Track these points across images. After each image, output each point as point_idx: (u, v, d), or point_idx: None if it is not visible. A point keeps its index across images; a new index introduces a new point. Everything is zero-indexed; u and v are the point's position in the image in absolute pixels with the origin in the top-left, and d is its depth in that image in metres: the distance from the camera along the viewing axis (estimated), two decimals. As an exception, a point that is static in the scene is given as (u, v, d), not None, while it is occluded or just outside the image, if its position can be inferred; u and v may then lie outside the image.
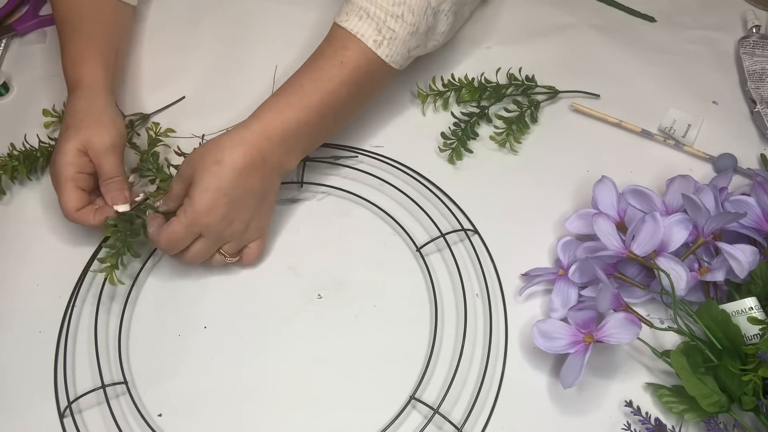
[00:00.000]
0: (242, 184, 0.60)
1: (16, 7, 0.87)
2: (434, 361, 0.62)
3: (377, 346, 0.64)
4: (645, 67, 0.78)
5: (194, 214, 0.60)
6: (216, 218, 0.61)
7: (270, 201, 0.65)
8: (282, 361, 0.64)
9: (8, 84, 0.81)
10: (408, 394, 0.61)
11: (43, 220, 0.72)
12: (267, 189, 0.63)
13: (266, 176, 0.62)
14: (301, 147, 0.64)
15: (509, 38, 0.81)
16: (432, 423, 0.60)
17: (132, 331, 0.65)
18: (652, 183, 0.69)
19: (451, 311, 0.65)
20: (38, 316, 0.66)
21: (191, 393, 0.62)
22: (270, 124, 0.61)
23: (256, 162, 0.61)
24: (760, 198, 0.62)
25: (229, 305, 0.66)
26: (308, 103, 0.63)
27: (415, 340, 0.64)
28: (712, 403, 0.56)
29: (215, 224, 0.61)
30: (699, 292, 0.62)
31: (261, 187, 0.62)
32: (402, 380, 0.62)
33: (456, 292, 0.66)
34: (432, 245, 0.67)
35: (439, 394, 0.61)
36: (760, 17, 0.80)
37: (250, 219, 0.63)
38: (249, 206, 0.62)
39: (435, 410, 0.59)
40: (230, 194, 0.60)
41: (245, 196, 0.61)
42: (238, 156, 0.60)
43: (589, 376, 0.61)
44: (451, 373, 0.61)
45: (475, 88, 0.75)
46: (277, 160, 0.62)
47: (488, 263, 0.66)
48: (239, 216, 0.62)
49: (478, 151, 0.73)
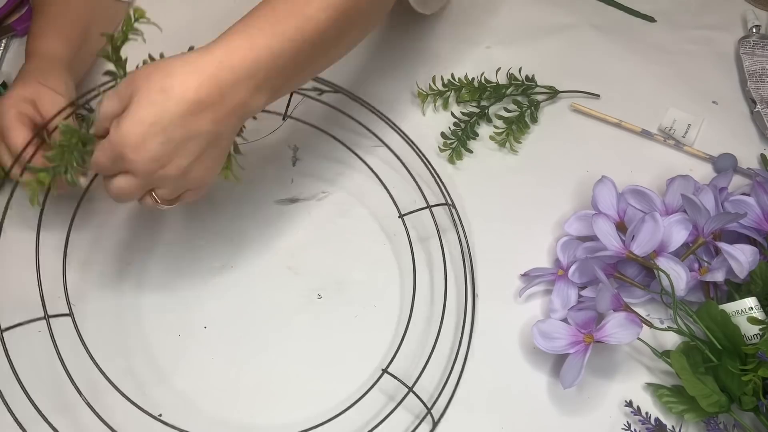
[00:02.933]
0: (187, 124, 0.49)
1: (16, 7, 0.87)
2: (434, 360, 0.63)
3: (377, 347, 0.64)
4: (645, 67, 0.78)
5: (119, 147, 0.49)
6: (144, 158, 0.49)
7: (221, 149, 0.53)
8: (282, 361, 0.63)
9: (8, 84, 0.81)
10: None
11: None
12: (219, 134, 0.51)
13: (221, 118, 0.51)
14: (270, 85, 0.53)
15: (509, 38, 0.81)
16: (425, 422, 0.60)
17: (132, 331, 0.65)
18: (652, 183, 0.69)
19: (452, 310, 0.65)
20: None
21: (191, 393, 0.62)
22: (236, 52, 0.50)
23: (212, 98, 0.49)
24: (760, 198, 0.62)
25: (229, 305, 0.66)
26: (282, 29, 0.52)
27: (416, 341, 0.64)
28: (712, 403, 0.56)
29: (143, 165, 0.50)
30: (699, 292, 0.62)
31: (211, 131, 0.51)
32: (403, 380, 0.62)
33: (459, 291, 0.66)
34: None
35: (440, 396, 0.61)
36: (760, 17, 0.80)
37: (190, 167, 0.51)
38: (190, 152, 0.51)
39: (428, 409, 0.59)
40: (168, 133, 0.49)
41: (188, 140, 0.50)
42: (190, 87, 0.49)
43: (589, 376, 0.61)
44: (456, 375, 0.61)
45: (475, 88, 0.75)
46: (239, 98, 0.51)
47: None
48: (175, 161, 0.51)
49: (478, 151, 0.73)
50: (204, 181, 0.54)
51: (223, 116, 0.51)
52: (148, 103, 0.49)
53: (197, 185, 0.54)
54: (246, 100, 0.51)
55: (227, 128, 0.52)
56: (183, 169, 0.51)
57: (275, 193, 0.71)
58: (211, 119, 0.50)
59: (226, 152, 0.54)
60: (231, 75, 0.50)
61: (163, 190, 0.53)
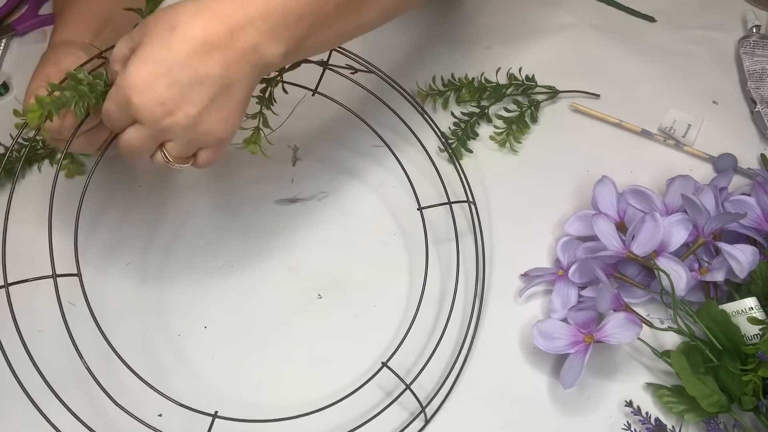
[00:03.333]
0: (195, 64, 0.46)
1: (16, 7, 0.87)
2: (436, 359, 0.62)
3: (377, 347, 0.64)
4: (645, 67, 0.78)
5: (125, 90, 0.47)
6: (150, 101, 0.47)
7: (235, 101, 0.49)
8: (282, 361, 0.64)
9: (8, 84, 0.81)
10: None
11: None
12: (231, 81, 0.48)
13: (232, 62, 0.47)
14: (288, 34, 0.48)
15: (509, 38, 0.81)
16: (417, 420, 0.60)
17: (132, 331, 0.65)
18: (652, 183, 0.69)
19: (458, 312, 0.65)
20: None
21: (191, 393, 0.62)
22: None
23: (220, 38, 0.46)
24: (760, 198, 0.62)
25: (229, 305, 0.66)
26: None
27: (418, 340, 0.64)
28: (712, 403, 0.56)
29: (148, 110, 0.47)
30: (699, 292, 0.62)
31: (221, 76, 0.47)
32: (402, 376, 0.62)
33: (467, 293, 0.66)
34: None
35: (436, 395, 0.61)
36: (760, 17, 0.80)
37: (199, 116, 0.48)
38: (198, 98, 0.48)
39: (422, 408, 0.59)
40: (175, 74, 0.46)
41: (195, 83, 0.47)
42: (197, 26, 0.46)
43: (589, 377, 0.61)
44: (454, 376, 0.61)
45: (475, 88, 0.75)
46: (252, 41, 0.47)
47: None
48: (183, 108, 0.48)
49: (478, 151, 0.73)
50: (216, 137, 0.50)
51: (233, 60, 0.47)
52: (155, 42, 0.47)
53: (210, 141, 0.50)
54: (258, 43, 0.47)
55: (239, 75, 0.48)
56: (192, 118, 0.48)
57: (275, 193, 0.71)
58: (220, 62, 0.47)
59: (240, 106, 0.50)
60: (242, 15, 0.47)
61: (174, 144, 0.50)
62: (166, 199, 0.72)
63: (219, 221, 0.70)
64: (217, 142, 0.51)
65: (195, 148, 0.51)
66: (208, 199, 0.72)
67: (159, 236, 0.70)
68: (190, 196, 0.72)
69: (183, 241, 0.69)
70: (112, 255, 0.69)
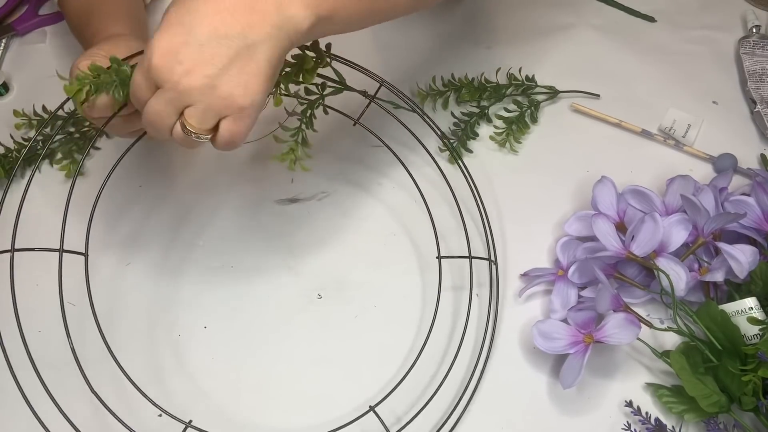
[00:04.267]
0: (215, 23, 0.46)
1: (16, 7, 0.87)
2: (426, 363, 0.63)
3: (377, 347, 0.64)
4: (645, 67, 0.78)
5: (149, 54, 0.47)
6: (168, 60, 0.46)
7: (257, 64, 0.47)
8: (282, 361, 0.64)
9: (8, 84, 0.81)
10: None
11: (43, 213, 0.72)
12: (252, 41, 0.47)
13: (254, 22, 0.46)
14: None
15: (509, 38, 0.81)
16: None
17: (132, 331, 0.65)
18: (652, 183, 0.69)
19: (458, 314, 0.65)
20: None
21: (191, 393, 0.62)
22: None
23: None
24: (760, 198, 0.62)
25: (229, 305, 0.66)
26: None
27: (416, 340, 0.64)
28: (711, 403, 0.56)
29: (166, 68, 0.47)
30: (699, 292, 0.62)
31: (241, 35, 0.46)
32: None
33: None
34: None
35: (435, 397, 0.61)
36: (760, 17, 0.80)
37: (217, 77, 0.47)
38: (218, 56, 0.46)
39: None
40: (195, 34, 0.46)
41: (214, 41, 0.46)
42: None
43: (588, 377, 0.61)
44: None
45: (475, 88, 0.75)
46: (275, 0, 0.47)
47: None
48: (201, 67, 0.46)
49: (478, 151, 0.73)
50: (236, 103, 0.48)
51: (255, 20, 0.46)
52: (179, 7, 0.47)
53: (229, 107, 0.48)
54: (282, 3, 0.47)
55: (261, 36, 0.47)
56: (210, 79, 0.47)
57: (275, 193, 0.72)
58: (241, 21, 0.46)
59: (264, 73, 0.48)
60: None
61: (193, 110, 0.48)
62: (165, 199, 0.72)
63: (219, 221, 0.70)
64: (237, 110, 0.48)
65: (215, 116, 0.49)
66: (208, 198, 0.72)
67: (159, 236, 0.70)
68: (190, 196, 0.72)
69: (183, 241, 0.69)
70: (112, 255, 0.69)
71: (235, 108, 0.48)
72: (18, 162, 0.73)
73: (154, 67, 0.47)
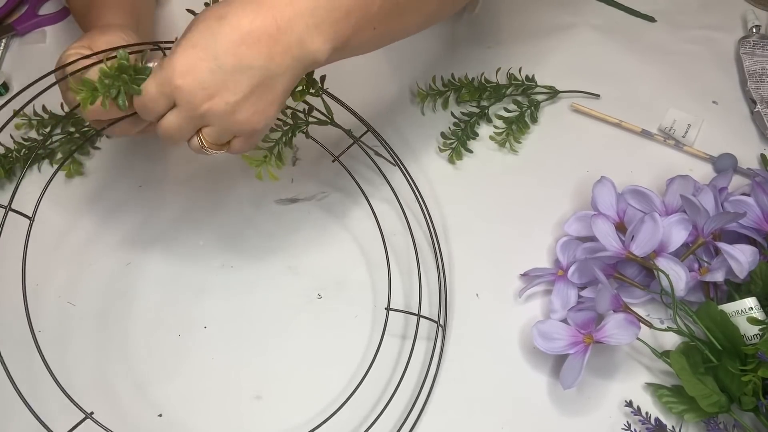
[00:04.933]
0: (239, 54, 0.48)
1: (16, 7, 0.87)
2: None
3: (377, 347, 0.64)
4: (645, 67, 0.78)
5: (169, 71, 0.49)
6: (192, 83, 0.48)
7: (274, 94, 0.50)
8: (282, 361, 0.64)
9: (8, 84, 0.81)
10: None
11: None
12: (273, 73, 0.49)
13: (276, 54, 0.49)
14: (333, 30, 0.50)
15: (509, 38, 0.81)
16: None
17: (131, 331, 0.65)
18: (652, 183, 0.69)
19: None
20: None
21: (191, 393, 0.62)
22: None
23: (267, 29, 0.48)
24: (760, 198, 0.62)
25: (229, 305, 0.66)
26: None
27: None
28: (711, 403, 0.56)
29: (190, 91, 0.49)
30: (699, 292, 0.62)
31: (265, 67, 0.49)
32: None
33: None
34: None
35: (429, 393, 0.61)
36: (760, 17, 0.80)
37: (238, 105, 0.50)
38: (240, 86, 0.49)
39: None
40: (220, 60, 0.48)
41: (238, 71, 0.48)
42: (246, 16, 0.48)
43: (589, 377, 0.61)
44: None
45: (475, 88, 0.75)
46: (298, 35, 0.49)
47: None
48: (223, 95, 0.49)
49: (478, 151, 0.73)
50: (252, 127, 0.51)
51: (277, 53, 0.49)
52: (203, 29, 0.48)
53: (245, 130, 0.51)
54: (304, 38, 0.49)
55: (282, 69, 0.49)
56: (231, 105, 0.49)
57: (275, 193, 0.72)
58: (264, 53, 0.48)
59: (279, 100, 0.51)
60: (290, 9, 0.48)
61: (211, 130, 0.51)
62: (165, 199, 0.72)
63: (219, 221, 0.70)
64: (251, 133, 0.52)
65: (230, 135, 0.52)
66: (208, 198, 0.72)
67: (159, 236, 0.70)
68: (190, 196, 0.72)
69: (183, 241, 0.69)
70: (112, 255, 0.69)
71: (250, 131, 0.52)
72: (18, 162, 0.73)
73: (177, 87, 0.49)
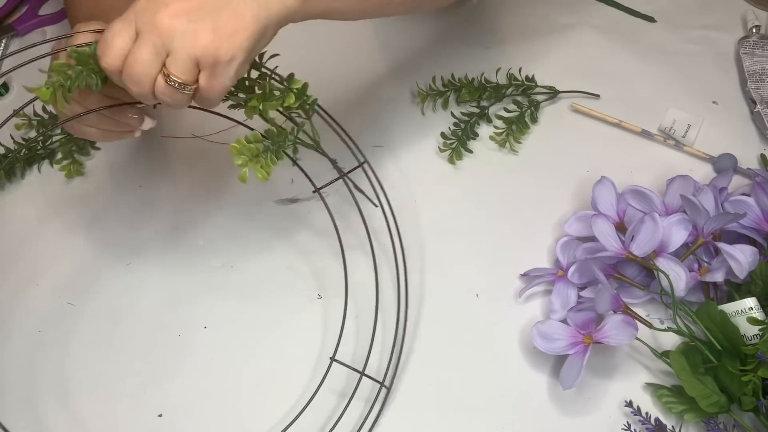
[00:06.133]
0: None
1: (16, 7, 0.87)
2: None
3: (377, 346, 0.64)
4: (645, 67, 0.78)
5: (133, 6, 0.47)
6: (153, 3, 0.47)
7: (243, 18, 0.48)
8: (282, 361, 0.64)
9: (8, 84, 0.81)
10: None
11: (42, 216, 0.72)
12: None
13: None
14: None
15: (509, 38, 0.81)
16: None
17: (131, 331, 0.65)
18: (652, 183, 0.69)
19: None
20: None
21: (191, 393, 0.62)
22: None
23: None
24: (760, 198, 0.62)
25: (229, 305, 0.66)
26: None
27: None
28: (711, 403, 0.56)
29: (151, 9, 0.47)
30: (699, 292, 0.62)
31: None
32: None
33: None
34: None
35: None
36: (760, 17, 0.80)
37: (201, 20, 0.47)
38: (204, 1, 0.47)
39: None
40: None
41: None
42: None
43: (588, 377, 0.61)
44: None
45: (475, 88, 0.75)
46: None
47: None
48: (186, 11, 0.47)
49: (478, 151, 0.73)
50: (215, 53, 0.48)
51: None
52: None
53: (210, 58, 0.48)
54: None
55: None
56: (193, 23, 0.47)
57: (275, 193, 0.72)
58: None
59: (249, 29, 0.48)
60: None
61: (173, 59, 0.48)
62: (165, 199, 0.72)
63: (219, 221, 0.70)
64: (214, 62, 0.48)
65: (194, 66, 0.49)
66: (209, 199, 0.72)
67: (159, 236, 0.70)
68: (190, 196, 0.72)
69: (183, 241, 0.69)
70: (112, 256, 0.69)
71: (213, 58, 0.48)
72: (18, 162, 0.73)
73: (139, 9, 0.47)
